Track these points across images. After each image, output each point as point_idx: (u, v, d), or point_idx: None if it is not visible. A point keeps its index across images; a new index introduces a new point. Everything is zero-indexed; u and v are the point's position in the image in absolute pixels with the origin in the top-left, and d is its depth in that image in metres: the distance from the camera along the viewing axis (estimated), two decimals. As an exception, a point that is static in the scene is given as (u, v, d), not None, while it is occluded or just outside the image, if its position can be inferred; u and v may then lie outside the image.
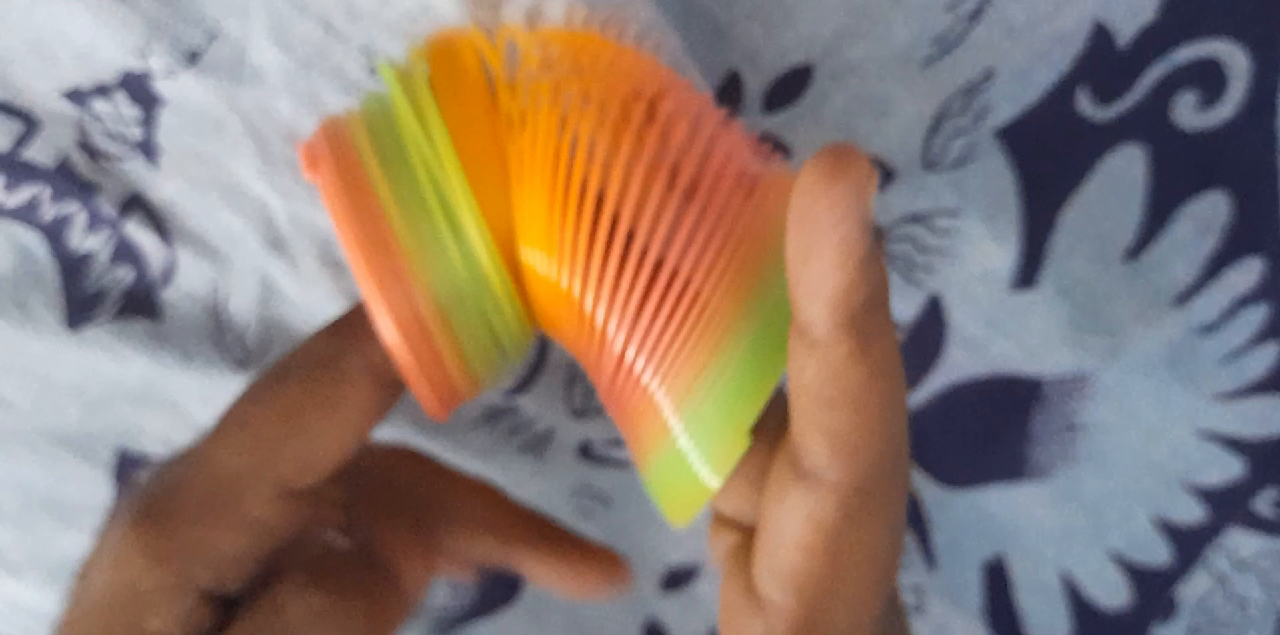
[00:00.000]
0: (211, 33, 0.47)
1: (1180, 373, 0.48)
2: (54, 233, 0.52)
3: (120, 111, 0.49)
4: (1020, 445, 0.51)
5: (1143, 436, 0.50)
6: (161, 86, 0.48)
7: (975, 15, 0.42)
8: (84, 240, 0.52)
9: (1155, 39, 0.42)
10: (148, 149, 0.50)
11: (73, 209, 0.52)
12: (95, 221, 0.52)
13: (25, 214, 0.51)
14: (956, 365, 0.49)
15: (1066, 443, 0.50)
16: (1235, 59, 0.42)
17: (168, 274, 0.53)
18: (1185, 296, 0.47)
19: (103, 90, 0.49)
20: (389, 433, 0.52)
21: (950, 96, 0.44)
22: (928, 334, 0.49)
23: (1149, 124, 0.44)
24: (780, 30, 0.43)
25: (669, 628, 0.57)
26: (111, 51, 0.47)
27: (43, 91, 0.48)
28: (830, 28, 0.42)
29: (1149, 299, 0.47)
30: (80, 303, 0.53)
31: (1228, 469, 0.50)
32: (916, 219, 0.47)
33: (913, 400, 0.50)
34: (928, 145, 0.45)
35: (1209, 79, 0.42)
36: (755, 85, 0.44)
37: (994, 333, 0.48)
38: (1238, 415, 0.49)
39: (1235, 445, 0.50)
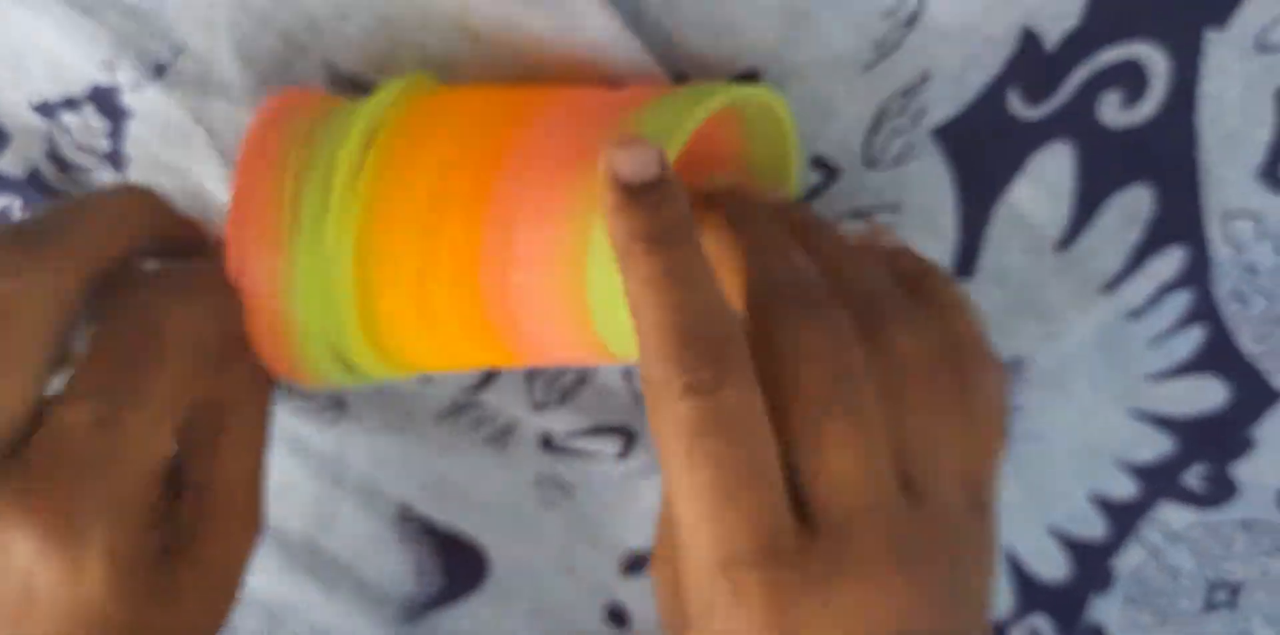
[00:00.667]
0: (178, 47, 0.47)
1: (1112, 355, 0.50)
2: (24, 242, 0.53)
3: (89, 123, 0.50)
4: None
5: (1078, 416, 0.52)
6: (129, 99, 0.49)
7: (910, 21, 0.44)
8: None
9: (1080, 42, 0.44)
10: (116, 160, 0.51)
11: (43, 217, 0.52)
12: None
13: (-3, 225, 0.52)
14: (901, 353, 0.51)
15: (1008, 422, 0.52)
16: (1155, 60, 0.44)
17: None
18: (1114, 283, 0.49)
19: (71, 103, 0.50)
20: (355, 426, 0.53)
21: (889, 98, 0.46)
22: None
23: (1076, 122, 0.45)
24: (726, 38, 0.44)
25: (630, 610, 0.58)
26: (80, 65, 0.48)
27: (12, 104, 0.49)
28: (773, 35, 0.44)
29: (1080, 286, 0.49)
30: (51, 308, 0.53)
31: (1159, 446, 0.52)
32: (859, 214, 0.48)
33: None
34: (869, 144, 0.46)
35: (1131, 79, 0.44)
36: (705, 90, 0.45)
37: (935, 321, 0.50)
38: (1167, 395, 0.51)
39: (1165, 423, 0.52)
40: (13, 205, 0.51)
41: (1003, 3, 0.43)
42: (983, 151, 0.46)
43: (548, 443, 0.55)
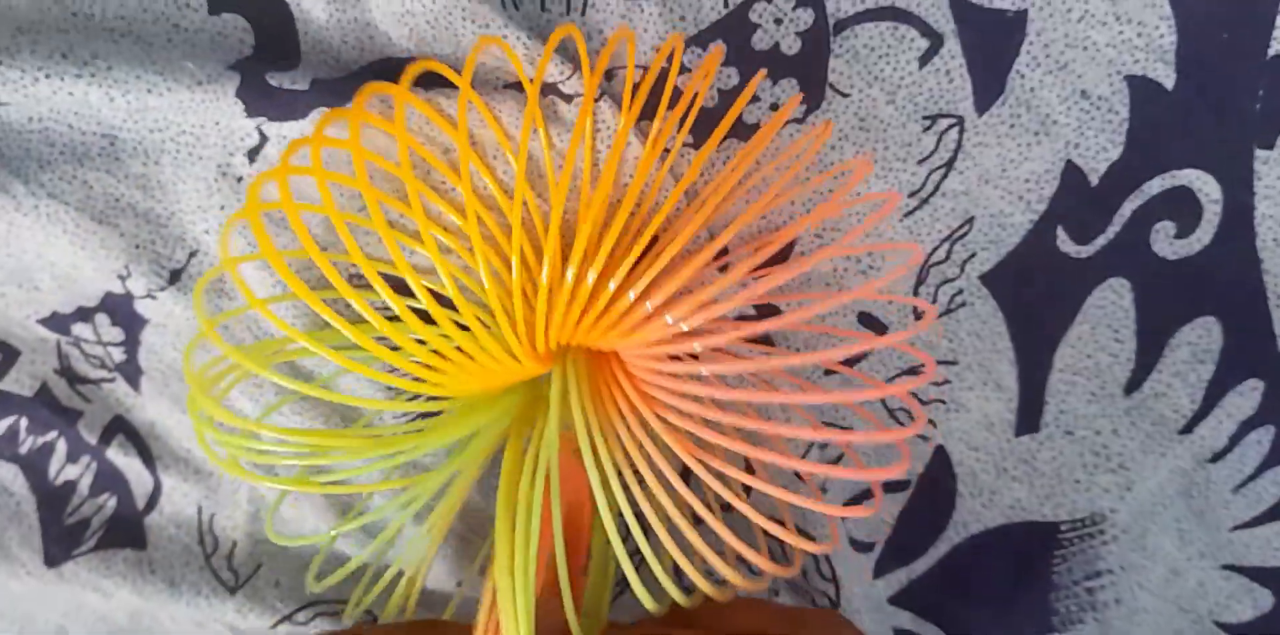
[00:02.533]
0: (192, 249, 0.42)
1: (1196, 504, 0.43)
2: (32, 464, 0.45)
3: (101, 334, 0.43)
4: (1046, 597, 0.44)
5: (1166, 575, 0.44)
6: (143, 306, 0.43)
7: (948, 165, 0.39)
8: (63, 470, 0.46)
9: (1126, 173, 0.39)
10: (129, 371, 0.44)
11: (51, 437, 0.45)
12: (75, 449, 0.46)
13: (2, 447, 0.44)
14: (972, 516, 0.43)
15: (1092, 590, 0.44)
16: (1206, 186, 0.39)
17: (151, 498, 0.46)
18: (1190, 425, 0.42)
19: (83, 313, 0.43)
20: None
21: (933, 245, 0.40)
22: (938, 486, 0.43)
23: (1131, 256, 0.40)
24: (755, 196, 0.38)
25: None
26: (92, 275, 0.42)
27: (19, 319, 0.43)
28: (809, 188, 0.38)
29: (1154, 430, 0.42)
30: (59, 536, 0.46)
31: (1259, 602, 0.44)
32: (913, 371, 0.41)
33: (933, 556, 0.44)
34: (916, 295, 0.40)
35: (1183, 207, 0.39)
36: (744, 249, 0.39)
37: (1004, 479, 0.43)
38: (1260, 544, 0.43)
39: (1262, 576, 0.44)
40: (19, 424, 0.44)
41: (1042, 138, 0.38)
42: (1036, 295, 0.40)
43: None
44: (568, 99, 0.37)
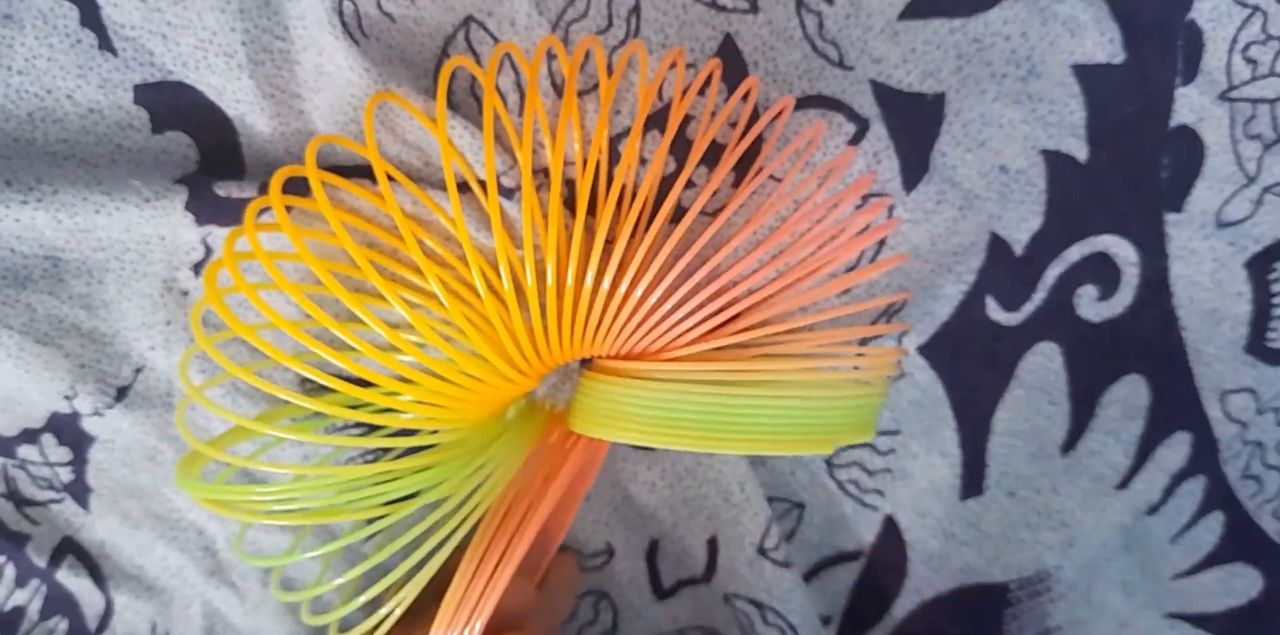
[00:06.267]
0: (138, 365, 0.33)
1: (1137, 556, 0.36)
2: (-23, 595, 0.36)
3: (48, 455, 0.36)
4: (1001, 657, 0.36)
5: (1114, 628, 0.37)
6: (90, 423, 0.36)
7: (880, 242, 0.32)
8: (11, 595, 0.38)
9: (1047, 242, 0.33)
10: (77, 490, 0.37)
11: (-1, 563, 0.36)
12: (24, 573, 0.39)
13: (-54, 576, 0.35)
14: (924, 582, 0.36)
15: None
16: (1123, 250, 0.34)
17: (103, 619, 0.39)
18: (1126, 480, 0.36)
19: (29, 435, 0.36)
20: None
21: (871, 320, 0.33)
22: (889, 555, 0.36)
23: (1058, 321, 0.35)
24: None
25: None
26: (37, 397, 0.35)
27: (-38, 447, 0.34)
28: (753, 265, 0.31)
29: (1092, 487, 0.36)
30: (9, 666, 0.36)
31: (1203, 648, 0.37)
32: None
33: (888, 624, 0.37)
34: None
35: (1103, 272, 0.34)
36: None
37: (953, 544, 0.36)
38: (1200, 591, 0.37)
39: (1205, 622, 0.37)
40: (-38, 553, 0.35)
41: (966, 212, 0.32)
42: (971, 363, 0.35)
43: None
44: (509, 193, 0.30)
